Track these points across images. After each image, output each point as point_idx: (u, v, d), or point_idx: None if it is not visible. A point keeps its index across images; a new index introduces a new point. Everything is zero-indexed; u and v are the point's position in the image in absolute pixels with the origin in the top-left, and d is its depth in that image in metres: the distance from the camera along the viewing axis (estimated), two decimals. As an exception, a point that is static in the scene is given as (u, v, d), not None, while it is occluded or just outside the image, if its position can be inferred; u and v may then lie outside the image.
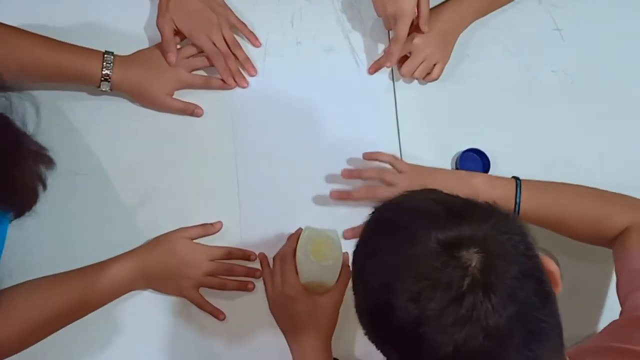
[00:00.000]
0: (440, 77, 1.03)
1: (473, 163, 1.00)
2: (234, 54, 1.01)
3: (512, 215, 0.62)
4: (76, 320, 0.88)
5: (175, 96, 0.99)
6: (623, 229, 0.89)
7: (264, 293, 0.95)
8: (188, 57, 1.00)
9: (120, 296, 0.90)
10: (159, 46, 0.98)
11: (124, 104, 1.00)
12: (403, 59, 1.02)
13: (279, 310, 0.93)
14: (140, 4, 1.04)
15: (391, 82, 1.05)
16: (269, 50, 1.05)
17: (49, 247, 0.95)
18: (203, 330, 0.94)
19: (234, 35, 1.02)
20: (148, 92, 0.97)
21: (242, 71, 1.03)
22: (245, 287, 0.95)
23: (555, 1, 1.10)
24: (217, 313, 0.94)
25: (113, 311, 0.91)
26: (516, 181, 0.92)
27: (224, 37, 1.00)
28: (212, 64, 1.00)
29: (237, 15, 1.03)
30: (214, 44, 0.99)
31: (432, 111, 1.05)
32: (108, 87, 0.94)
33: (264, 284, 0.95)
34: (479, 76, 1.06)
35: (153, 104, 0.99)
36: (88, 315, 0.89)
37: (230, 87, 1.02)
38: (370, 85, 1.05)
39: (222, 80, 1.01)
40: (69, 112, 0.99)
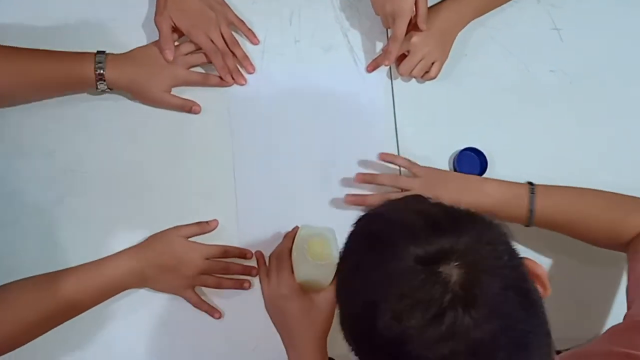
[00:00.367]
0: (438, 76, 1.03)
1: (470, 162, 1.00)
2: (232, 52, 1.01)
3: (495, 223, 0.60)
4: (71, 318, 0.88)
5: (172, 93, 0.99)
6: (637, 233, 0.88)
7: (260, 292, 0.95)
8: (186, 54, 0.99)
9: (115, 294, 0.90)
10: (157, 43, 0.98)
11: (122, 102, 0.99)
12: (401, 58, 1.02)
13: (275, 309, 0.93)
14: (138, 2, 1.03)
15: (389, 81, 1.05)
16: (267, 48, 1.05)
17: (45, 245, 0.95)
18: (199, 329, 0.94)
19: (233, 32, 1.02)
20: (145, 89, 0.96)
21: (240, 69, 1.03)
22: (241, 286, 0.95)
23: (553, 1, 1.10)
24: (213, 312, 0.94)
25: (108, 309, 0.91)
26: (529, 186, 0.92)
27: (222, 35, 1.00)
28: (210, 62, 1.00)
29: (236, 12, 1.03)
30: (212, 42, 0.99)
31: (430, 110, 1.04)
32: (105, 87, 0.94)
33: (260, 283, 0.95)
34: (477, 75, 1.06)
35: (150, 101, 0.99)
36: (83, 313, 0.88)
37: (228, 85, 1.02)
38: (368, 83, 1.05)
39: (220, 77, 1.01)
40: (67, 110, 0.99)
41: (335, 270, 0.90)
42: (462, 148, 1.01)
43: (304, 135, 1.02)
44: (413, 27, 0.99)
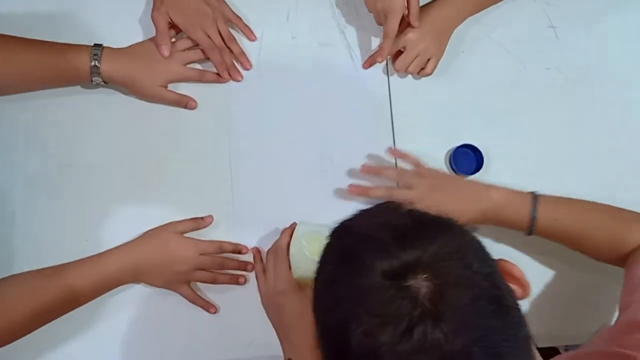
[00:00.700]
0: (434, 73, 1.03)
1: (466, 159, 1.01)
2: (229, 48, 1.01)
3: (465, 229, 0.60)
4: (66, 313, 0.87)
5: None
6: (637, 247, 0.87)
7: (256, 287, 0.95)
8: (182, 51, 0.99)
9: (110, 290, 0.90)
10: (153, 39, 0.98)
11: (118, 97, 1.00)
12: (397, 54, 1.02)
13: (272, 305, 0.93)
14: (135, -2, 1.04)
15: (385, 77, 1.05)
16: (264, 44, 1.05)
17: (40, 240, 0.95)
18: (194, 324, 0.94)
19: (229, 29, 1.02)
20: (141, 84, 0.96)
21: (237, 65, 1.03)
22: (236, 281, 0.95)
23: (550, -1, 1.10)
24: (209, 307, 0.94)
25: (103, 304, 0.91)
26: (533, 195, 0.91)
27: (219, 31, 1.00)
28: (207, 58, 1.00)
29: (233, 9, 1.03)
30: (209, 38, 0.99)
31: (426, 107, 1.05)
32: (100, 80, 0.94)
33: (256, 279, 0.95)
34: (473, 72, 1.06)
35: (146, 96, 0.99)
36: (78, 308, 0.88)
37: (224, 81, 1.02)
38: (364, 80, 1.05)
39: (217, 74, 1.01)
40: (62, 105, 0.99)
41: None
42: (458, 145, 1.01)
43: (300, 131, 1.02)
44: (408, 24, 1.00)
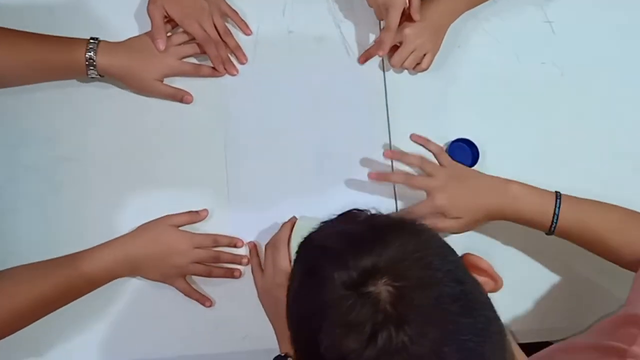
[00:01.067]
0: (430, 68, 1.03)
1: (462, 153, 1.01)
2: (225, 42, 1.01)
3: (423, 227, 0.59)
4: (63, 305, 0.88)
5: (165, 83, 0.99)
6: None
7: (251, 281, 0.95)
8: (178, 45, 0.99)
9: (105, 283, 0.90)
10: (149, 33, 0.98)
11: (114, 91, 1.00)
12: (393, 49, 1.02)
13: (270, 299, 0.92)
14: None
15: (381, 72, 1.05)
16: (260, 38, 1.05)
17: (38, 233, 0.95)
18: (189, 317, 0.94)
19: (225, 23, 1.02)
20: (137, 77, 0.96)
21: (233, 59, 1.03)
22: (231, 274, 0.95)
23: (546, -7, 1.10)
24: (204, 300, 0.94)
25: (98, 298, 0.91)
26: (556, 194, 0.89)
27: (215, 25, 1.00)
28: (203, 51, 1.00)
29: (229, 3, 1.03)
30: (205, 31, 0.99)
31: (422, 101, 1.05)
32: (95, 73, 0.94)
33: (252, 274, 0.95)
34: (469, 67, 1.06)
35: (142, 89, 0.99)
36: (73, 302, 0.88)
37: (220, 75, 1.02)
38: (360, 74, 1.05)
39: (212, 68, 1.01)
40: (59, 99, 0.99)
41: None
42: (454, 139, 1.01)
43: (296, 125, 1.02)
44: (406, 18, 1.00)
